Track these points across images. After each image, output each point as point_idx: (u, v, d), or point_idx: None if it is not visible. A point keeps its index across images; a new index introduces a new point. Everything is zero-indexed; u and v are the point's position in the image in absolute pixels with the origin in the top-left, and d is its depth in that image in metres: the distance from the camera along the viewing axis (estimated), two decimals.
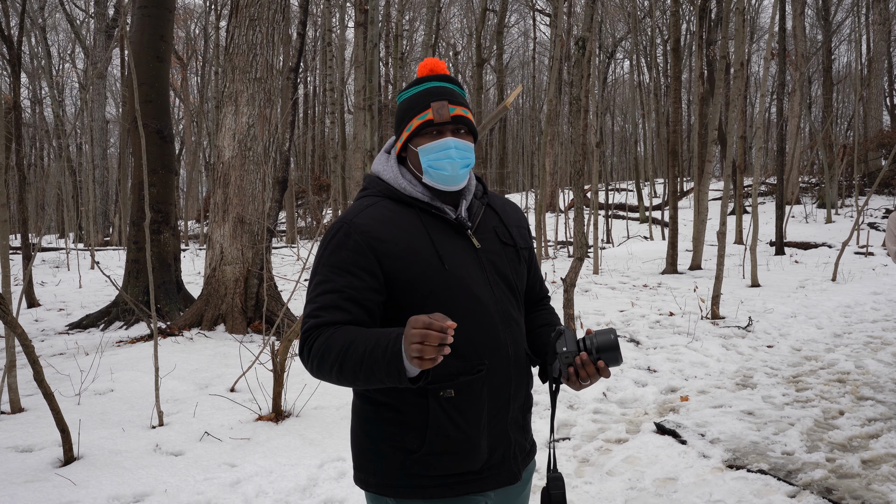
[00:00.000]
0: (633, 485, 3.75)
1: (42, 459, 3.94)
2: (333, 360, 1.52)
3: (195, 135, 29.58)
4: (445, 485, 1.65)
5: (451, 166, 1.70)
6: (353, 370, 1.50)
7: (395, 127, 1.79)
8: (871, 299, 9.44)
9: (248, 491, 3.63)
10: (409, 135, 1.72)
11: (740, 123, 19.19)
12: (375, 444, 1.69)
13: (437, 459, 1.64)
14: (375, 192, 1.76)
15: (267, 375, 5.48)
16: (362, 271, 1.62)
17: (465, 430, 1.64)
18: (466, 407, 1.64)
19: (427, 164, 1.70)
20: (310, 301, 1.64)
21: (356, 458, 1.76)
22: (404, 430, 1.65)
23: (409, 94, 1.75)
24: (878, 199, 23.76)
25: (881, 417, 4.76)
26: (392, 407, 1.66)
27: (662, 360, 6.35)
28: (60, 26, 37.39)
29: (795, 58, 23.18)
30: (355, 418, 1.78)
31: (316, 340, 1.57)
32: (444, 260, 1.66)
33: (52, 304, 10.22)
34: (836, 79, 36.63)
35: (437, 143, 1.69)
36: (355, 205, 1.73)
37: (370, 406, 1.71)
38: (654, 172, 31.69)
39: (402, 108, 1.75)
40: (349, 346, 1.51)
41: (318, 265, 1.67)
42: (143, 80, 8.68)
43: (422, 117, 1.70)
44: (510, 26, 40.82)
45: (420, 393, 1.62)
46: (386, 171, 1.76)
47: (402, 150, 1.78)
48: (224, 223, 7.55)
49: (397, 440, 1.65)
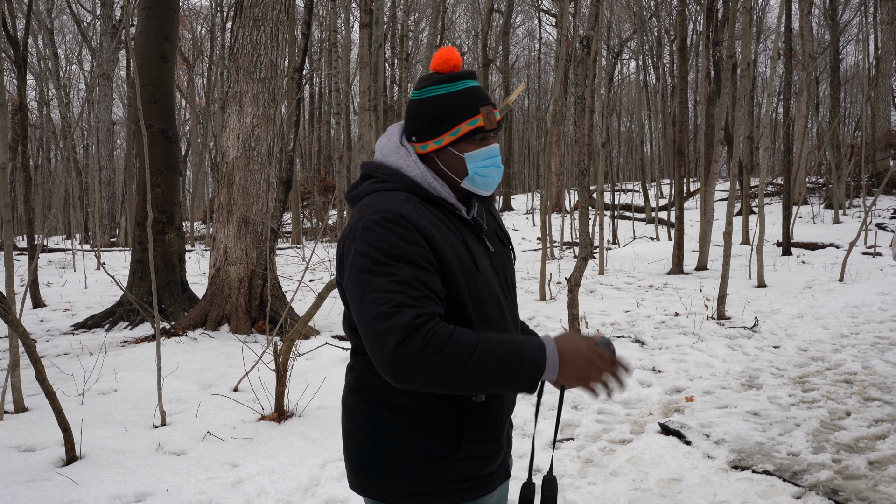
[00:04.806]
0: (637, 485, 3.72)
1: (44, 459, 3.94)
2: (468, 355, 1.39)
3: (201, 136, 29.66)
4: (469, 488, 1.63)
5: (497, 173, 1.69)
6: (489, 370, 1.40)
7: (427, 124, 1.66)
8: (879, 300, 9.37)
9: (249, 491, 3.62)
10: (454, 139, 1.65)
11: (747, 123, 19.14)
12: (396, 452, 1.60)
13: (467, 464, 1.62)
14: (400, 187, 1.63)
15: (270, 375, 5.47)
16: (431, 266, 1.52)
17: (493, 433, 1.64)
18: (495, 410, 1.64)
19: (474, 170, 1.66)
20: (391, 291, 1.44)
21: (360, 466, 1.65)
22: (434, 436, 1.59)
23: (447, 91, 1.65)
24: (886, 199, 23.64)
25: (888, 418, 4.72)
26: (419, 414, 1.59)
27: (668, 361, 6.31)
28: (67, 28, 37.58)
29: (802, 57, 23.09)
30: (356, 423, 1.67)
31: (434, 331, 1.40)
32: (477, 264, 1.63)
33: (57, 304, 10.24)
34: (844, 79, 36.51)
35: (486, 150, 1.66)
36: (390, 197, 1.58)
37: (386, 411, 1.61)
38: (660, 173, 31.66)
39: (442, 107, 1.64)
40: (488, 346, 1.42)
41: (378, 255, 1.48)
42: (148, 81, 8.69)
43: (472, 122, 1.64)
44: (516, 27, 40.79)
45: (453, 400, 1.59)
46: (409, 166, 1.65)
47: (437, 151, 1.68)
48: (228, 223, 7.55)
49: (425, 447, 1.59)
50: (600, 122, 17.14)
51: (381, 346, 1.40)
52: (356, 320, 1.50)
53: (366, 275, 1.47)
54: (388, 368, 1.40)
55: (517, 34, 43.10)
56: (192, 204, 30.39)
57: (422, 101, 1.67)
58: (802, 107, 24.51)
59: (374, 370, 1.61)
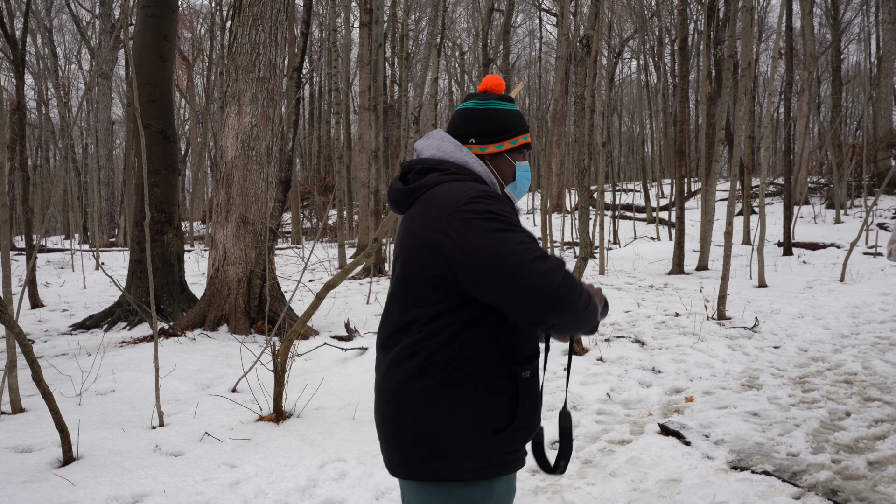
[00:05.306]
0: (636, 486, 3.71)
1: (41, 460, 3.92)
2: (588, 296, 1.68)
3: (200, 135, 29.65)
4: (517, 460, 1.79)
5: (528, 185, 1.99)
6: (593, 307, 1.69)
7: (492, 129, 1.90)
8: (880, 300, 9.35)
9: (247, 491, 3.60)
10: (512, 147, 1.92)
11: (748, 123, 19.12)
12: (464, 428, 1.70)
13: (518, 435, 1.76)
14: (470, 179, 1.81)
15: (268, 376, 5.45)
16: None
17: (536, 406, 1.81)
18: (535, 386, 1.81)
19: (520, 179, 1.94)
20: (533, 242, 1.63)
21: (428, 450, 1.71)
22: (493, 409, 1.72)
23: (508, 108, 1.93)
24: (888, 199, 23.61)
25: (888, 419, 4.70)
26: (483, 390, 1.72)
27: (668, 361, 6.29)
28: (66, 27, 37.58)
29: (804, 57, 23.06)
30: (417, 410, 1.73)
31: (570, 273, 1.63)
32: None
33: (56, 304, 10.23)
34: (846, 78, 36.47)
35: (526, 164, 1.97)
36: (469, 184, 1.74)
37: (450, 392, 1.71)
38: (661, 173, 31.64)
39: (506, 119, 1.91)
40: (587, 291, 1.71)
41: (505, 218, 1.65)
42: (146, 80, 8.67)
43: (525, 137, 1.94)
44: (517, 26, 40.73)
45: (507, 374, 1.73)
46: (475, 163, 1.85)
47: (492, 154, 1.92)
48: (227, 223, 7.53)
49: (488, 420, 1.72)
50: (601, 121, 17.13)
51: (550, 280, 1.57)
52: (499, 275, 1.58)
53: (503, 233, 1.61)
54: (558, 297, 1.58)
55: (518, 33, 43.05)
56: (192, 204, 30.40)
57: (487, 110, 1.91)
58: (804, 106, 24.48)
59: (441, 350, 1.70)
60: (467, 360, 1.69)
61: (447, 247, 1.64)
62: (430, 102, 21.10)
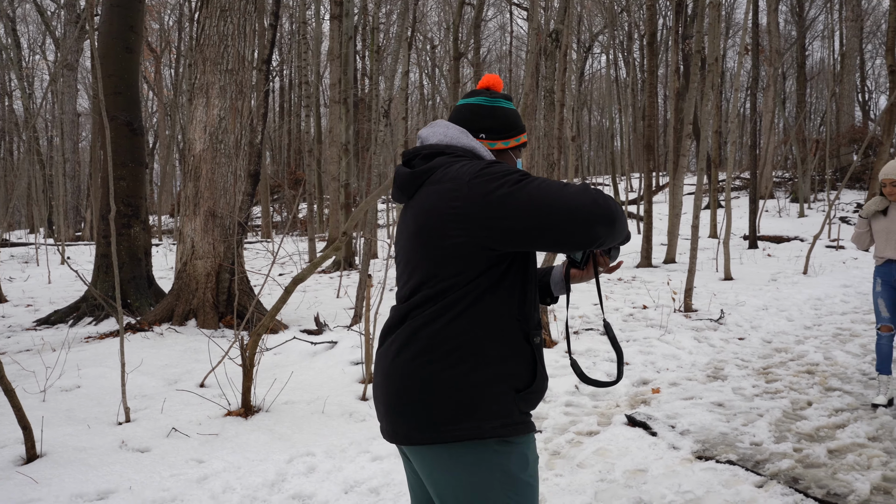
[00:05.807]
0: (603, 476, 3.75)
1: (3, 457, 3.86)
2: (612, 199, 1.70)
3: (169, 128, 29.22)
4: (532, 423, 1.85)
5: None
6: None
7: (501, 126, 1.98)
8: (841, 292, 9.56)
9: (215, 487, 3.58)
10: (516, 145, 2.00)
11: (715, 118, 19.34)
12: (488, 389, 1.75)
13: (535, 396, 1.84)
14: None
15: (237, 371, 5.42)
16: None
17: (545, 370, 1.88)
18: (542, 351, 1.90)
19: None
20: (548, 180, 1.67)
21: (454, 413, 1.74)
22: (514, 371, 1.79)
23: (512, 108, 2.02)
24: (850, 193, 24.09)
25: (848, 408, 4.82)
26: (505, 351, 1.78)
27: (635, 353, 6.37)
28: (30, 17, 36.74)
29: (770, 53, 23.40)
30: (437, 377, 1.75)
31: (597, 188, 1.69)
32: None
33: (19, 300, 10.04)
34: (810, 74, 37.09)
35: (521, 161, 2.05)
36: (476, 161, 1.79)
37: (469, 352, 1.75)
38: (630, 167, 31.86)
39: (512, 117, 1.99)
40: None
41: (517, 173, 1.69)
42: (112, 72, 8.53)
43: (525, 137, 2.04)
44: (487, 20, 40.77)
45: (525, 338, 1.81)
46: (482, 149, 1.91)
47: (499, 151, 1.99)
48: (195, 217, 7.45)
49: (509, 381, 1.78)
50: (571, 116, 17.21)
51: (587, 197, 1.61)
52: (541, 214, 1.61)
53: (524, 180, 1.65)
54: (599, 208, 1.61)
55: (489, 27, 43.08)
56: (160, 197, 29.98)
57: (495, 107, 1.98)
58: (769, 102, 24.85)
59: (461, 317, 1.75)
60: (487, 324, 1.75)
61: (474, 210, 1.66)
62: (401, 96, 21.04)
